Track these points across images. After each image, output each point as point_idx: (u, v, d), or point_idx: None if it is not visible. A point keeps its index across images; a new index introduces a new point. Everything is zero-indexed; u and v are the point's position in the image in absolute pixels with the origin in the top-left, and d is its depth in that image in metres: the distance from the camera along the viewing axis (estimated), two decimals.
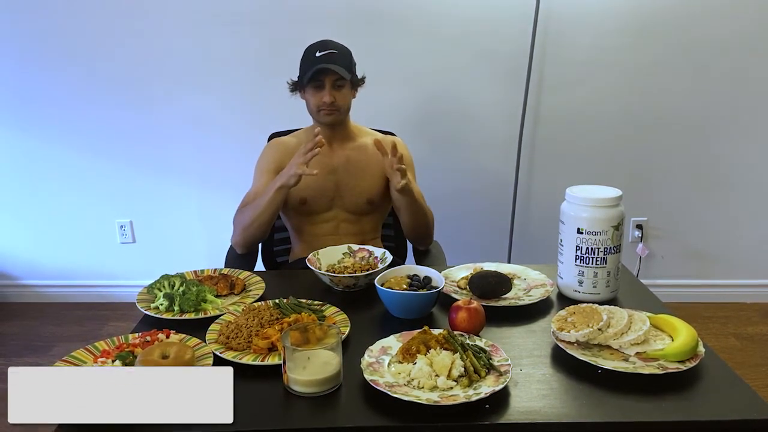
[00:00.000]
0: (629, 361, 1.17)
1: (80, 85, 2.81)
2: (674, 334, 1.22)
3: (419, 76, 2.76)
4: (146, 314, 1.40)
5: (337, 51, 1.81)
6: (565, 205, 1.46)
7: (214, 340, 1.26)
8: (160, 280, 1.47)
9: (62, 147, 2.89)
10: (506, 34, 2.67)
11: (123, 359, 1.16)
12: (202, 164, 2.90)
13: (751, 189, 2.89)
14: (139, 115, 2.84)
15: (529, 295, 1.47)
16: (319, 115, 1.84)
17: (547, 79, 2.74)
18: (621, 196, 1.42)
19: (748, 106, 2.79)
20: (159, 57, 2.76)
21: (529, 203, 2.90)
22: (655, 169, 2.87)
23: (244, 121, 2.82)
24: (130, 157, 2.90)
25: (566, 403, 1.09)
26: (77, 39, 2.75)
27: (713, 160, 2.85)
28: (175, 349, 1.14)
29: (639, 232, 2.93)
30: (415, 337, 1.21)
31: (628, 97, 2.77)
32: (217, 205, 2.86)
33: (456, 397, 1.06)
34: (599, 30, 2.67)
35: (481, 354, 1.17)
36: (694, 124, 2.80)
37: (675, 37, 2.69)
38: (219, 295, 1.50)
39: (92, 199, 2.96)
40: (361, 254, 1.67)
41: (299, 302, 1.40)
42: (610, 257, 1.41)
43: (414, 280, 1.45)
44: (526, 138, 2.79)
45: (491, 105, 2.79)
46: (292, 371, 1.11)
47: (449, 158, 2.85)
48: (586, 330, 1.21)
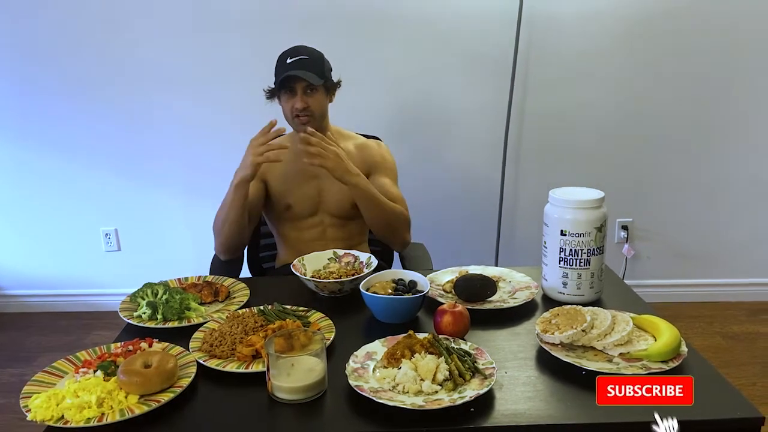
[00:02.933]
0: (613, 362, 1.18)
1: (64, 93, 2.79)
2: (657, 334, 1.23)
3: (403, 79, 2.77)
4: (129, 323, 1.39)
5: (309, 56, 1.79)
6: (549, 207, 1.46)
7: (197, 348, 1.25)
8: (143, 288, 1.46)
9: (46, 155, 2.87)
10: (490, 36, 2.68)
11: (105, 369, 1.15)
12: (187, 172, 2.88)
13: (735, 189, 2.91)
14: (123, 123, 2.82)
15: (514, 298, 1.47)
16: (294, 122, 1.83)
17: (531, 81, 2.76)
18: (603, 198, 1.43)
19: (731, 108, 2.82)
20: (143, 65, 2.74)
21: (515, 205, 2.91)
22: (640, 170, 2.90)
23: (228, 128, 2.80)
24: (114, 165, 2.88)
25: (551, 405, 1.09)
26: (61, 47, 2.73)
27: (698, 161, 2.88)
28: (158, 358, 1.13)
29: (625, 233, 2.95)
30: (400, 342, 1.21)
31: (614, 98, 2.80)
32: (203, 212, 2.81)
33: (441, 401, 1.06)
34: (583, 32, 2.70)
35: (466, 357, 1.16)
36: (678, 125, 2.83)
37: (658, 40, 2.72)
38: (203, 302, 1.49)
39: (76, 207, 2.94)
40: (347, 259, 1.66)
41: (284, 309, 1.39)
42: (594, 258, 1.42)
43: (399, 284, 1.44)
44: (512, 140, 2.80)
45: (476, 108, 2.80)
46: (276, 378, 1.10)
47: (434, 161, 2.85)
48: (570, 332, 1.21)
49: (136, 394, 1.09)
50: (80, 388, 1.09)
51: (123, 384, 1.10)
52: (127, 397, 1.09)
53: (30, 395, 1.10)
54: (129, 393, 1.09)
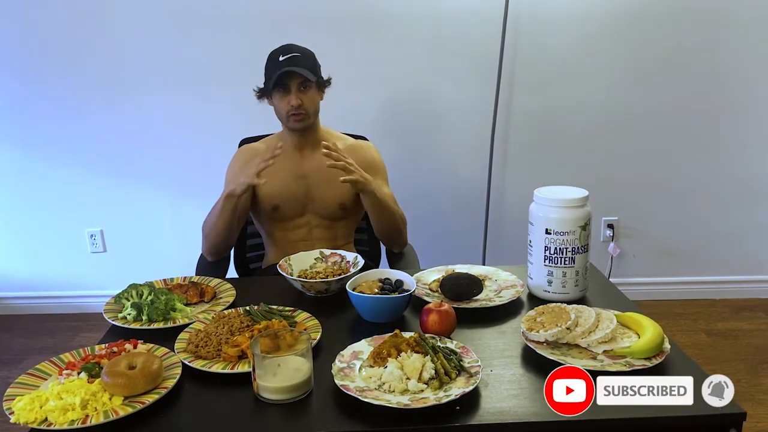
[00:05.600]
0: (597, 359, 1.19)
1: (47, 93, 2.76)
2: (640, 331, 1.24)
3: (390, 79, 2.77)
4: (114, 324, 1.38)
5: (301, 54, 1.80)
6: (534, 206, 1.47)
7: (182, 349, 1.25)
8: (127, 289, 1.45)
9: (30, 156, 2.84)
10: (476, 36, 2.69)
11: (89, 371, 1.14)
12: (173, 171, 2.87)
13: (719, 187, 2.94)
14: (109, 123, 2.80)
15: (500, 296, 1.48)
16: (288, 121, 1.83)
17: (517, 80, 2.77)
18: (587, 197, 1.44)
19: (716, 107, 2.85)
20: (128, 63, 2.73)
21: (502, 204, 2.92)
22: (625, 169, 2.92)
23: (215, 128, 2.79)
24: (99, 165, 2.86)
25: (536, 402, 1.09)
26: (43, 46, 2.70)
27: (683, 159, 2.90)
28: (142, 359, 1.13)
29: (610, 231, 2.97)
30: (386, 341, 1.21)
31: (599, 97, 2.81)
32: (189, 213, 2.82)
33: (426, 400, 1.06)
34: (569, 31, 2.71)
35: (451, 356, 1.17)
36: (663, 124, 2.85)
37: (643, 39, 2.74)
38: (189, 303, 1.48)
39: (61, 209, 2.91)
40: (333, 259, 1.66)
41: (270, 309, 1.39)
42: (578, 257, 1.43)
43: (386, 283, 1.45)
44: (498, 139, 2.81)
45: (463, 107, 2.81)
46: (262, 378, 1.10)
47: (421, 161, 2.86)
48: (555, 329, 1.22)
49: (120, 396, 1.09)
50: (64, 390, 1.09)
51: (107, 386, 1.10)
52: (112, 399, 1.08)
53: (13, 398, 1.09)
54: (113, 395, 1.09)
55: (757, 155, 2.91)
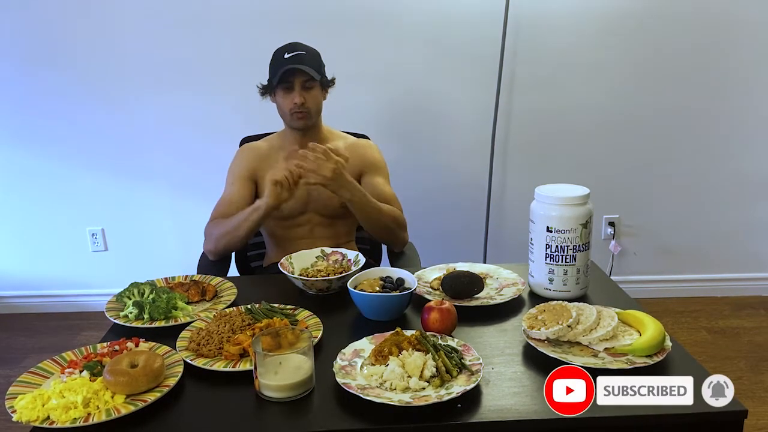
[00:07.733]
0: (598, 356, 1.19)
1: (49, 91, 2.77)
2: (642, 329, 1.24)
3: (391, 77, 2.77)
4: (115, 323, 1.38)
5: (306, 52, 1.81)
6: (535, 204, 1.47)
7: (184, 347, 1.25)
8: (129, 288, 1.45)
9: (31, 154, 2.85)
10: (477, 36, 2.69)
11: (91, 369, 1.15)
12: (174, 170, 2.87)
13: (720, 185, 2.94)
14: (109, 121, 2.80)
15: (501, 295, 1.48)
16: (291, 119, 1.83)
17: (518, 79, 2.77)
18: (588, 195, 1.44)
19: (716, 105, 2.84)
20: (129, 62, 2.73)
21: (503, 202, 2.92)
22: (626, 167, 2.92)
23: (216, 126, 2.79)
24: (100, 164, 2.86)
25: (537, 400, 1.09)
26: (42, 43, 2.71)
27: (683, 157, 2.90)
28: (144, 358, 1.13)
29: (612, 229, 2.97)
30: (388, 339, 1.21)
31: (600, 96, 2.81)
32: (190, 211, 2.83)
33: (428, 398, 1.06)
34: (569, 31, 2.71)
35: (453, 354, 1.17)
36: (664, 123, 2.85)
37: (644, 38, 2.74)
38: (190, 301, 1.48)
39: (63, 207, 2.92)
40: (335, 257, 1.67)
41: (271, 307, 1.39)
42: (580, 255, 1.43)
43: (387, 282, 1.45)
44: (499, 138, 2.81)
45: (464, 105, 2.81)
46: (264, 376, 1.10)
47: (422, 159, 2.86)
48: (556, 327, 1.22)
49: (122, 394, 1.09)
50: (66, 389, 1.09)
51: (109, 384, 1.10)
52: (114, 397, 1.08)
53: (15, 396, 1.09)
54: (115, 393, 1.09)
55: (758, 153, 2.91)
